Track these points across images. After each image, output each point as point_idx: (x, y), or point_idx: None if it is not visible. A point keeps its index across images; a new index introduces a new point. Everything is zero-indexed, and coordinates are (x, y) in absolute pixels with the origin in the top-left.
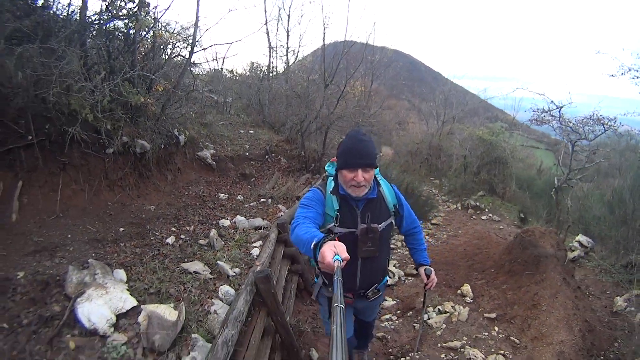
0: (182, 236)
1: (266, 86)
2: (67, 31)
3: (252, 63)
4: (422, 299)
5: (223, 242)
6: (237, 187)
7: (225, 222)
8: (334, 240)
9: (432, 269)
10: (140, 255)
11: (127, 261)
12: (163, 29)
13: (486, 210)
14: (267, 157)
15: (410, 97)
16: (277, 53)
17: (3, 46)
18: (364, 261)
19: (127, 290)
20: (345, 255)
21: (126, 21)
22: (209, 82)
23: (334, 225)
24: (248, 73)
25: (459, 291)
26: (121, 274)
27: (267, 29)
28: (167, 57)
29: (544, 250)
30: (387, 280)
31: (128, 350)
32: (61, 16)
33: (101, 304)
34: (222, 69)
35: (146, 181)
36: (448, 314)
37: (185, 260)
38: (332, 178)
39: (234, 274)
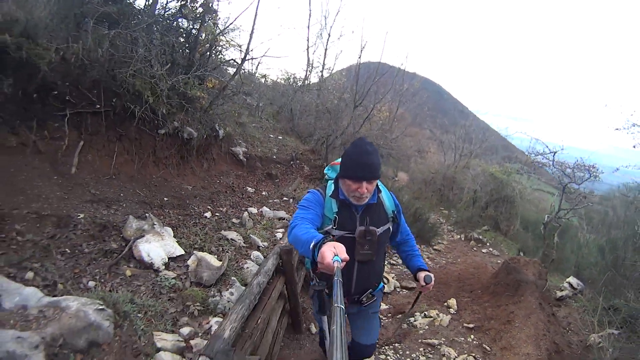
0: (216, 214)
1: (299, 98)
2: (146, 22)
3: (288, 74)
4: (413, 301)
5: (252, 224)
6: (262, 184)
7: (253, 210)
8: (333, 241)
9: (433, 276)
10: (183, 221)
11: (173, 223)
12: (221, 34)
13: (487, 244)
14: (292, 162)
15: (432, 127)
16: (312, 68)
17: (92, 26)
18: (361, 265)
19: (177, 242)
20: (345, 256)
21: (192, 23)
22: (245, 84)
23: (332, 227)
24: (283, 82)
25: (445, 303)
26: (169, 230)
27: (307, 46)
28: (221, 59)
29: (525, 276)
30: (382, 287)
31: (177, 283)
32: (138, 7)
33: (157, 246)
34: (256, 73)
35: (186, 164)
36: (432, 319)
37: (222, 230)
38: (331, 181)
39: (263, 245)
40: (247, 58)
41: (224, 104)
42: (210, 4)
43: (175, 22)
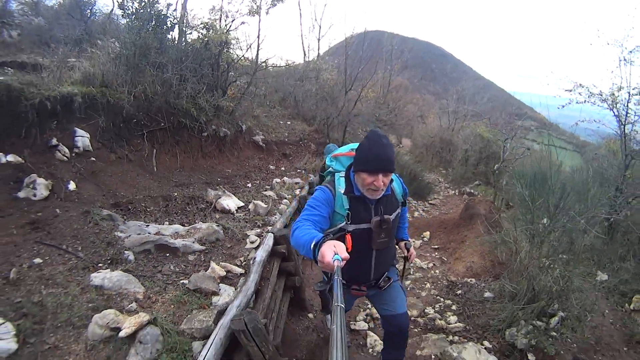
0: (255, 183)
1: (300, 86)
2: (186, 61)
3: (287, 61)
4: (403, 268)
5: (279, 187)
6: (280, 162)
7: (278, 180)
8: (333, 239)
9: (412, 243)
10: (235, 190)
11: (231, 191)
12: (237, 54)
13: (478, 196)
14: (301, 142)
15: (438, 90)
16: (308, 57)
17: (151, 71)
18: (378, 253)
19: (239, 199)
20: (345, 254)
21: (216, 51)
22: (248, 74)
23: (346, 223)
24: (284, 69)
25: (422, 235)
26: (232, 194)
27: (302, 41)
28: (237, 75)
29: (477, 210)
30: (396, 265)
31: (245, 218)
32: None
33: (230, 201)
34: (265, 65)
35: (223, 155)
36: None
37: (262, 191)
38: (340, 176)
39: (288, 197)
40: (257, 70)
41: (241, 104)
42: (228, 38)
43: (203, 54)
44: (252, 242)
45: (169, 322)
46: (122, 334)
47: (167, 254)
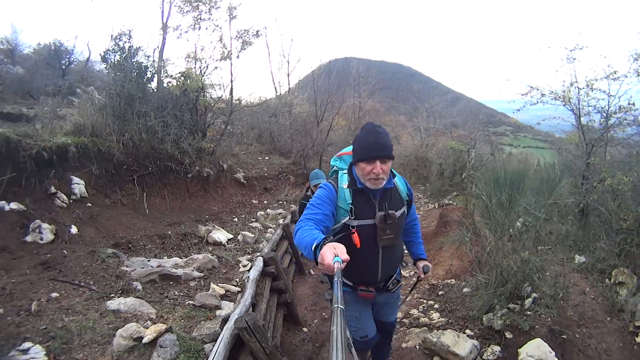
0: (240, 217)
1: (274, 122)
2: (167, 108)
3: (260, 98)
4: (412, 286)
5: (263, 219)
6: (262, 196)
7: (261, 212)
8: (334, 241)
9: (430, 266)
10: (222, 224)
11: (219, 226)
12: (212, 97)
13: (452, 205)
14: (280, 176)
15: (409, 110)
16: (280, 92)
17: (136, 120)
18: (385, 251)
19: (227, 232)
20: (345, 256)
21: (194, 96)
22: (225, 115)
23: (350, 218)
24: (258, 107)
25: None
26: (220, 228)
27: (272, 77)
28: (214, 117)
29: (451, 217)
30: (400, 270)
31: (236, 248)
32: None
33: (220, 235)
34: (239, 104)
35: (208, 194)
36: None
37: (248, 223)
38: (343, 172)
39: (273, 227)
40: (232, 110)
41: (222, 145)
42: (203, 84)
43: (182, 100)
44: (244, 266)
45: (182, 332)
46: (145, 340)
47: (171, 282)
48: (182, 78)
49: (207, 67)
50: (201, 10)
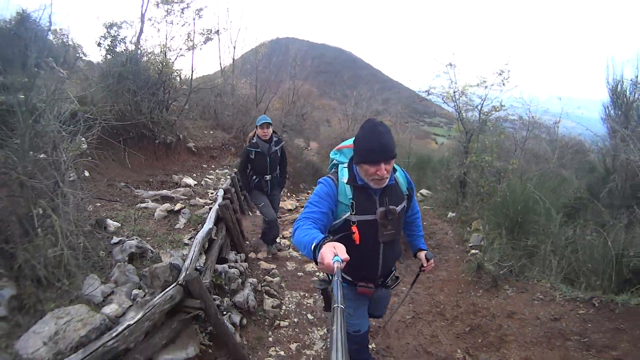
0: (197, 175)
1: (219, 101)
2: (146, 87)
3: (211, 81)
4: (414, 278)
5: (215, 175)
6: (210, 162)
7: (212, 172)
8: (334, 241)
9: (433, 255)
10: (189, 175)
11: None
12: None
13: None
14: (223, 147)
15: (346, 93)
16: (225, 75)
17: (125, 95)
18: (385, 246)
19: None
20: (345, 256)
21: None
22: (185, 95)
23: (351, 213)
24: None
25: None
26: (188, 177)
27: (220, 62)
28: (176, 96)
29: None
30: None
31: (202, 187)
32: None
33: (189, 180)
34: (198, 85)
35: (170, 158)
36: None
37: (205, 177)
38: (344, 166)
39: (222, 179)
40: (191, 92)
41: (180, 119)
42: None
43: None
44: (211, 194)
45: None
46: (175, 208)
47: (168, 200)
48: (161, 65)
49: (177, 56)
50: (174, 9)
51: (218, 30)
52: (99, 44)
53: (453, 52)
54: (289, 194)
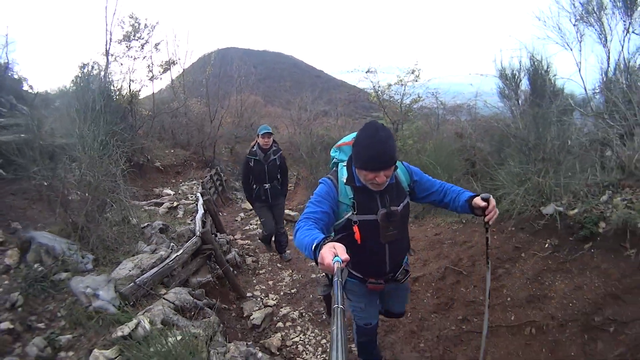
0: (171, 187)
1: (175, 121)
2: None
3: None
4: (485, 240)
5: (185, 188)
6: (177, 177)
7: (183, 184)
8: (336, 240)
9: (490, 195)
10: (166, 187)
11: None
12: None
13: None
14: (185, 163)
15: (291, 99)
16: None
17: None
18: (391, 244)
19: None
20: (345, 256)
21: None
22: (150, 119)
23: (352, 213)
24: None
25: None
26: (167, 189)
27: (172, 85)
28: (142, 122)
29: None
30: (407, 259)
31: (180, 194)
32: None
33: (169, 190)
34: (160, 110)
35: (144, 176)
36: None
37: (179, 188)
38: (343, 165)
39: (194, 188)
40: (155, 117)
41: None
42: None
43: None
44: (191, 197)
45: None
46: (174, 205)
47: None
48: (131, 97)
49: (141, 86)
50: (134, 45)
51: (174, 61)
52: (76, 82)
53: (370, 61)
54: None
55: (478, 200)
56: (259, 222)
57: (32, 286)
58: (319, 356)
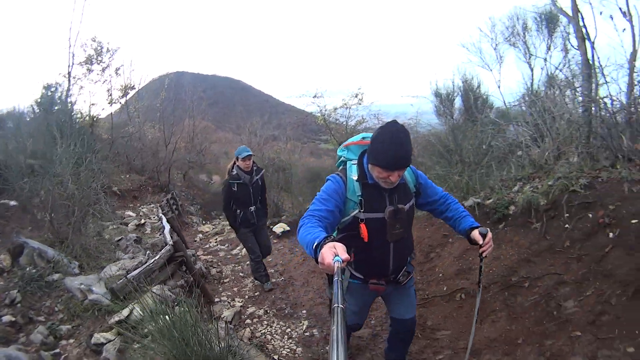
0: (133, 210)
1: (130, 146)
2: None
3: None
4: (479, 270)
5: (145, 210)
6: (135, 201)
7: (142, 207)
8: (343, 238)
9: (488, 230)
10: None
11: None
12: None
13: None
14: (141, 187)
15: (240, 124)
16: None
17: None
18: (396, 243)
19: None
20: (345, 256)
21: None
22: (108, 144)
23: (360, 211)
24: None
25: None
26: (128, 211)
27: (127, 110)
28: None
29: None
30: (411, 260)
31: (142, 216)
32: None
33: (131, 212)
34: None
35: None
36: None
37: (139, 210)
38: (352, 163)
39: (154, 217)
40: (114, 141)
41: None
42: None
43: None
44: (154, 217)
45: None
46: (142, 222)
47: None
48: (92, 120)
49: (101, 110)
50: (95, 69)
51: (133, 86)
52: (39, 104)
53: (317, 86)
54: (204, 222)
55: (476, 236)
56: (244, 251)
57: (29, 285)
58: (285, 341)
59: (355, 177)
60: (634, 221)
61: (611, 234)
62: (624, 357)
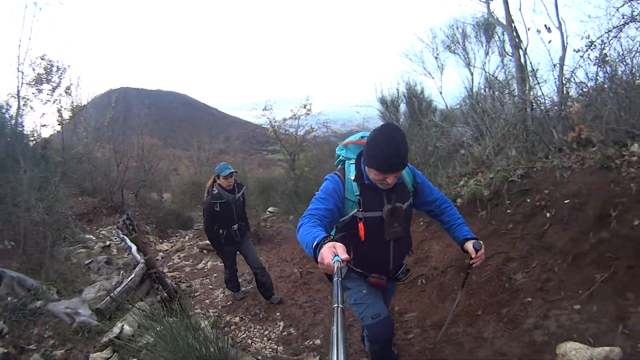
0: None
1: (80, 168)
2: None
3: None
4: (464, 277)
5: (104, 232)
6: (91, 224)
7: (100, 229)
8: (343, 237)
9: (482, 243)
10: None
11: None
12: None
13: None
14: (95, 210)
15: (187, 139)
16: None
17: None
18: (395, 242)
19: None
20: (345, 256)
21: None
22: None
23: (358, 210)
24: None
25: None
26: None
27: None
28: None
29: None
30: (408, 257)
31: (104, 239)
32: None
33: (91, 236)
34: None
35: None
36: None
37: (100, 233)
38: (351, 162)
39: (113, 232)
40: (66, 163)
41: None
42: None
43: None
44: (115, 239)
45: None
46: (107, 244)
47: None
48: (44, 142)
49: (53, 131)
50: (45, 89)
51: (85, 105)
52: None
53: (268, 99)
54: (161, 240)
55: (470, 249)
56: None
57: (14, 314)
58: (266, 342)
59: (352, 177)
60: (566, 201)
61: (548, 214)
62: (572, 313)
